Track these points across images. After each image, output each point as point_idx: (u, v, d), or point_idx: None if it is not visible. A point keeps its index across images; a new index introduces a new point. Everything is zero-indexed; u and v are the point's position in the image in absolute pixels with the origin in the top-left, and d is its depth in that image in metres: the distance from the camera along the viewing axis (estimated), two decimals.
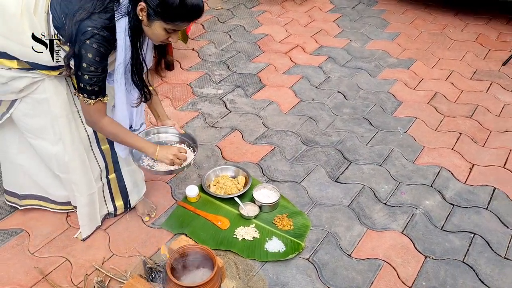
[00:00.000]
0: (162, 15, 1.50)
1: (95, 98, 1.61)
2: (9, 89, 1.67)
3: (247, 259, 2.03)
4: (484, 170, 2.56)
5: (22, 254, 2.03)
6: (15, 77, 1.64)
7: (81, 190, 1.96)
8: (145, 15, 1.52)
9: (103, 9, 1.51)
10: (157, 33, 1.56)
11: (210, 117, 2.96)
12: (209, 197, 2.33)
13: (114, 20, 1.53)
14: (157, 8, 1.48)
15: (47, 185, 2.06)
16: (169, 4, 1.47)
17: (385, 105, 3.10)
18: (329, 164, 2.58)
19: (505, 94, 3.24)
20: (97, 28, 1.50)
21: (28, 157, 1.96)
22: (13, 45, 1.58)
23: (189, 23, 1.57)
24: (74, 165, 1.88)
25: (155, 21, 1.52)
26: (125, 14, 1.53)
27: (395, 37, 4.01)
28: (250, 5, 4.50)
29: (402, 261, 2.04)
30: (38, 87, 1.70)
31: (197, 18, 1.57)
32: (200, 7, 1.54)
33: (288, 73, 3.44)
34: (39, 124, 1.78)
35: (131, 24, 1.54)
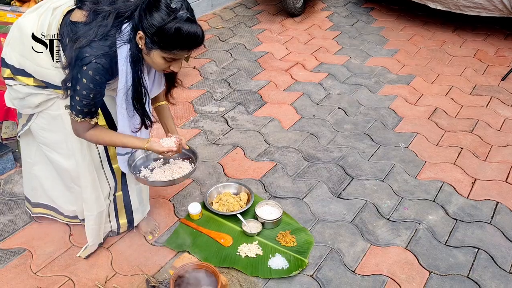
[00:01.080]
0: (159, 44, 1.50)
1: (83, 118, 1.63)
2: (26, 103, 1.77)
3: (250, 277, 2.02)
4: (486, 184, 2.56)
5: (25, 274, 2.03)
6: (31, 93, 1.74)
7: (90, 208, 1.97)
8: (143, 43, 1.53)
9: (103, 36, 1.53)
10: (157, 61, 1.56)
11: (212, 134, 2.97)
12: (212, 214, 2.32)
13: (114, 47, 1.54)
14: (153, 37, 1.49)
15: (57, 198, 2.09)
16: (164, 32, 1.47)
17: (386, 120, 3.12)
18: (331, 180, 2.59)
19: (505, 108, 3.26)
20: (95, 55, 1.52)
21: (41, 169, 2.02)
22: (28, 64, 1.67)
23: (188, 52, 1.55)
24: (85, 182, 1.90)
25: (153, 50, 1.53)
26: (126, 42, 1.55)
27: (394, 53, 4.05)
28: (250, 24, 4.56)
29: (407, 277, 2.03)
30: (53, 103, 1.77)
31: (196, 46, 1.54)
32: (197, 35, 1.51)
33: (289, 90, 3.47)
34: (54, 138, 1.85)
35: (132, 52, 1.56)
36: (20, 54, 1.67)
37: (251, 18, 4.68)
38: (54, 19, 1.61)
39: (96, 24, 1.52)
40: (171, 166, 1.99)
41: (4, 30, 2.17)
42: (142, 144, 1.75)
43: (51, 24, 1.61)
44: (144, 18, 1.48)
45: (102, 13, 1.53)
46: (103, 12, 1.53)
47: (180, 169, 1.94)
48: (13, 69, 1.72)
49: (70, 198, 2.05)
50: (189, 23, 1.48)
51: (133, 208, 2.11)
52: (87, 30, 1.53)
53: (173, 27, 1.45)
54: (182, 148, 1.99)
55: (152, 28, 1.47)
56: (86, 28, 1.54)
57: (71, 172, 1.92)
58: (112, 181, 2.00)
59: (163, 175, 1.90)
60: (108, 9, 1.53)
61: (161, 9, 1.46)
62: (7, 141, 2.71)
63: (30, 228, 2.25)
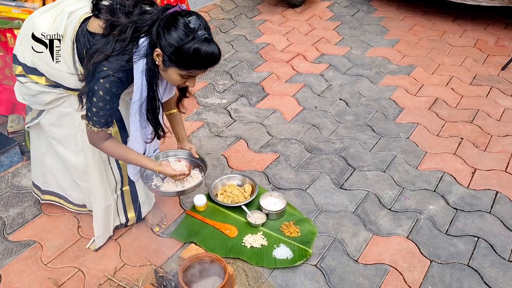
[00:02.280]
0: (176, 62, 1.53)
1: (100, 128, 1.67)
2: (37, 100, 1.80)
3: (256, 267, 2.07)
4: (486, 174, 2.61)
5: (35, 265, 2.08)
6: (43, 91, 1.77)
7: (98, 202, 2.01)
8: (161, 60, 1.56)
9: (121, 51, 1.55)
10: (173, 78, 1.60)
11: (215, 126, 3.01)
12: (217, 206, 2.37)
13: (131, 62, 1.57)
14: (171, 55, 1.51)
15: (67, 187, 2.14)
16: (183, 52, 1.49)
17: (387, 111, 3.15)
18: (334, 171, 2.63)
19: (504, 98, 3.29)
20: (112, 69, 1.55)
21: (53, 158, 2.06)
22: (41, 64, 1.69)
23: (205, 70, 1.59)
24: (94, 177, 1.94)
25: (170, 67, 1.56)
26: (143, 56, 1.57)
27: (395, 43, 4.06)
28: (251, 15, 4.57)
29: (408, 265, 2.08)
30: (64, 101, 1.80)
31: (213, 65, 1.58)
32: (215, 55, 1.54)
33: (290, 82, 3.49)
34: (62, 133, 1.88)
35: (148, 67, 1.59)
36: (39, 58, 1.69)
37: (251, 9, 4.68)
38: (70, 24, 1.63)
39: (113, 37, 1.54)
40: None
41: (10, 25, 2.19)
42: (154, 166, 1.82)
43: (66, 28, 1.63)
44: (162, 36, 1.50)
45: (119, 26, 1.54)
46: (120, 25, 1.54)
47: (190, 178, 2.01)
48: (25, 67, 1.75)
49: (78, 187, 2.09)
50: (207, 43, 1.50)
51: (141, 202, 2.15)
52: (104, 43, 1.55)
53: (191, 47, 1.48)
54: (193, 157, 2.06)
55: (171, 47, 1.50)
56: (104, 41, 1.55)
57: (78, 167, 1.96)
58: (118, 176, 2.04)
59: (173, 184, 1.97)
60: (125, 22, 1.54)
61: (180, 28, 1.49)
62: (14, 134, 2.75)
63: (39, 221, 2.30)
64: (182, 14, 1.52)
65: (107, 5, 1.61)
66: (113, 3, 1.61)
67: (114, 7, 1.59)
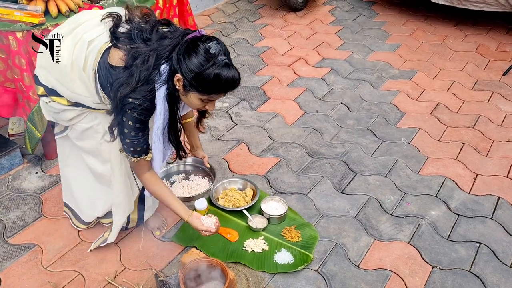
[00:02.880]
0: (197, 87, 1.55)
1: (138, 157, 1.71)
2: (61, 117, 1.85)
3: (257, 271, 2.06)
4: (488, 179, 2.60)
5: (35, 269, 2.07)
6: (65, 109, 1.80)
7: (121, 213, 2.02)
8: (181, 85, 1.58)
9: (145, 81, 1.57)
10: (193, 102, 1.62)
11: (217, 130, 3.00)
12: (218, 210, 2.36)
13: (155, 91, 1.59)
14: (192, 81, 1.53)
15: (81, 201, 2.12)
16: (203, 78, 1.51)
17: (388, 116, 3.15)
18: (335, 176, 2.62)
19: (506, 104, 3.29)
20: (138, 99, 1.57)
21: (71, 171, 2.07)
22: (63, 89, 1.72)
23: (225, 94, 1.62)
24: (118, 187, 1.94)
25: (191, 92, 1.58)
26: (164, 82, 1.59)
27: (396, 48, 4.07)
28: (253, 19, 4.57)
29: (410, 271, 2.07)
30: (85, 117, 1.82)
31: (233, 89, 1.60)
32: (235, 80, 1.56)
33: (292, 86, 3.49)
34: (87, 146, 1.90)
35: (169, 91, 1.61)
36: (57, 80, 1.73)
37: (253, 13, 4.69)
38: (90, 53, 1.65)
39: (136, 69, 1.55)
40: (190, 183, 2.21)
41: (12, 28, 2.19)
42: (185, 215, 1.85)
43: (87, 57, 1.65)
44: (183, 61, 1.52)
45: (141, 56, 1.55)
46: (142, 55, 1.55)
47: (198, 186, 2.14)
48: (46, 89, 1.79)
49: (91, 204, 2.09)
50: (227, 68, 1.53)
51: (146, 206, 2.14)
52: (128, 76, 1.56)
53: (212, 73, 1.50)
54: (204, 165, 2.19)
55: (191, 73, 1.51)
56: (127, 74, 1.57)
57: (105, 176, 1.96)
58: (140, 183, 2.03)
59: (181, 190, 2.08)
60: (146, 51, 1.56)
61: (200, 54, 1.50)
62: (14, 137, 2.74)
63: (39, 224, 2.29)
64: (202, 40, 1.54)
65: (124, 32, 1.63)
66: (130, 29, 1.62)
67: (132, 34, 1.60)
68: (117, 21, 1.64)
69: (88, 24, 1.71)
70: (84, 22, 1.73)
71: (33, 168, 2.64)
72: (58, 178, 2.56)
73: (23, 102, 2.38)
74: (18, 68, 2.27)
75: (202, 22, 4.45)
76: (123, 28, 1.64)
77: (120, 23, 1.65)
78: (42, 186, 2.52)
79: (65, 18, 2.34)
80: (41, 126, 2.41)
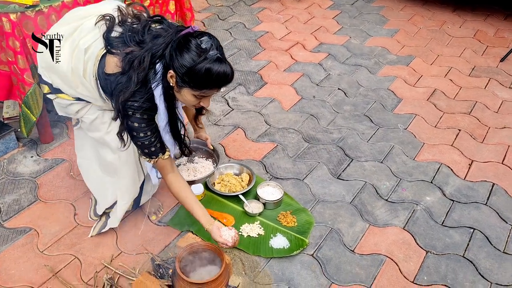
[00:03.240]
0: (189, 83, 1.54)
1: (155, 158, 1.73)
2: (69, 111, 1.89)
3: (252, 256, 2.07)
4: (483, 166, 2.61)
5: (31, 252, 2.07)
6: (72, 103, 1.84)
7: (126, 197, 2.04)
8: (174, 81, 1.57)
9: (143, 82, 1.57)
10: (187, 99, 1.61)
11: (213, 115, 2.99)
12: (214, 195, 2.36)
13: (152, 90, 1.60)
14: (184, 76, 1.53)
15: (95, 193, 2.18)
16: (195, 72, 1.50)
17: (385, 102, 3.14)
18: (331, 161, 2.63)
19: (503, 90, 3.29)
20: (137, 101, 1.59)
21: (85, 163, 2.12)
22: (67, 88, 1.78)
23: (218, 90, 1.61)
24: (126, 172, 1.96)
25: (183, 88, 1.57)
26: (160, 81, 1.59)
27: (394, 33, 4.04)
28: (250, 2, 4.52)
29: (404, 256, 2.09)
30: (90, 108, 1.85)
31: (226, 84, 1.59)
32: (227, 75, 1.54)
33: (289, 71, 3.47)
34: (97, 136, 1.92)
35: (165, 90, 1.61)
36: (62, 80, 1.76)
37: None
38: (88, 60, 1.67)
39: (134, 72, 1.56)
40: (194, 165, 2.22)
41: (6, 10, 2.15)
42: (206, 223, 1.82)
43: (86, 63, 1.68)
44: (175, 58, 1.51)
45: (137, 58, 1.55)
46: (137, 58, 1.55)
47: (203, 169, 2.19)
48: (50, 87, 1.82)
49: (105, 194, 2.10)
50: (219, 63, 1.51)
51: (144, 190, 2.14)
52: (127, 80, 1.57)
53: (203, 67, 1.49)
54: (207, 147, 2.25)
55: (183, 68, 1.51)
56: (125, 78, 1.58)
57: (113, 164, 1.97)
58: (146, 169, 2.05)
59: (186, 173, 2.12)
60: (141, 53, 1.55)
61: (192, 49, 1.50)
62: (9, 120, 2.72)
63: (35, 208, 2.29)
64: (194, 35, 1.53)
65: (117, 36, 1.63)
66: (123, 32, 1.62)
67: (125, 37, 1.60)
68: (110, 24, 1.64)
69: (84, 28, 1.71)
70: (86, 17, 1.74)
71: (28, 152, 2.63)
72: (53, 162, 2.55)
73: (18, 85, 2.36)
74: (12, 51, 2.24)
75: (199, 5, 4.40)
76: (116, 32, 1.64)
77: (113, 26, 1.65)
78: (38, 170, 2.51)
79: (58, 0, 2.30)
80: (36, 109, 2.40)
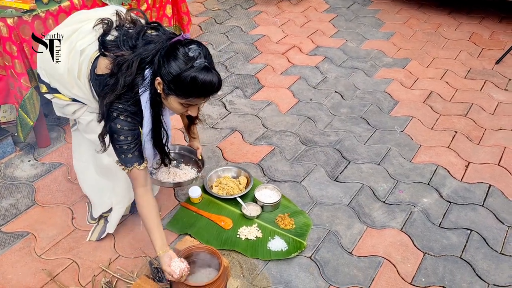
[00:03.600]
0: (175, 91, 1.54)
1: (131, 166, 1.70)
2: (65, 112, 1.91)
3: (250, 258, 2.07)
4: (479, 167, 2.63)
5: (29, 257, 2.07)
6: (68, 104, 1.85)
7: (122, 201, 2.04)
8: (161, 89, 1.57)
9: (130, 86, 1.57)
10: (174, 106, 1.61)
11: (210, 118, 3.00)
12: (212, 198, 2.37)
13: (138, 94, 1.60)
14: (170, 84, 1.53)
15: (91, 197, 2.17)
16: (180, 81, 1.50)
17: (382, 104, 3.16)
18: (329, 164, 2.63)
19: (498, 92, 3.31)
20: (123, 104, 1.59)
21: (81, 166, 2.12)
22: (63, 89, 1.79)
23: (204, 99, 1.59)
24: (122, 175, 1.92)
25: (170, 96, 1.57)
26: (147, 87, 1.59)
27: (390, 36, 4.06)
28: (246, 6, 4.54)
29: (402, 258, 2.10)
30: (85, 111, 1.86)
31: (212, 94, 1.58)
32: (213, 84, 1.53)
33: (286, 74, 3.49)
34: (93, 138, 1.90)
35: (152, 96, 1.61)
36: (58, 82, 1.78)
37: (247, 0, 4.65)
38: (83, 62, 1.69)
39: (121, 75, 1.56)
40: (177, 170, 2.19)
41: (2, 15, 2.16)
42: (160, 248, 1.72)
43: (80, 65, 1.69)
44: (163, 65, 1.52)
45: (126, 62, 1.55)
46: (127, 61, 1.55)
47: (184, 175, 2.14)
48: (48, 86, 1.84)
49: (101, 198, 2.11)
50: (206, 71, 1.50)
51: None
52: (114, 83, 1.57)
53: (189, 76, 1.49)
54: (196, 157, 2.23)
55: (169, 76, 1.51)
56: (112, 81, 1.58)
57: (109, 167, 1.96)
58: None
59: (166, 176, 2.10)
60: (131, 57, 1.56)
61: (179, 57, 1.50)
62: (6, 125, 2.72)
63: (32, 212, 2.29)
64: (183, 43, 1.53)
65: (112, 40, 1.63)
66: (118, 36, 1.62)
67: (119, 41, 1.61)
68: (107, 28, 1.65)
69: (82, 30, 1.73)
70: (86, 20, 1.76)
71: (26, 156, 2.62)
72: (51, 166, 2.55)
73: (15, 90, 2.36)
74: (9, 55, 2.24)
75: (196, 9, 4.41)
76: (111, 36, 1.65)
77: (110, 30, 1.65)
78: (35, 174, 2.51)
79: (56, 4, 2.31)
80: (33, 113, 2.40)
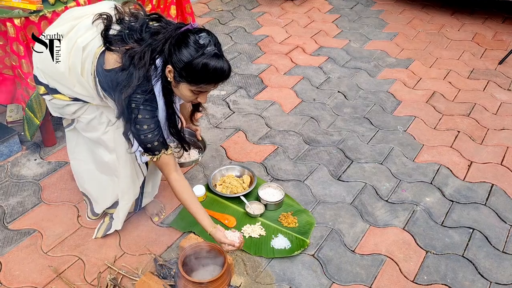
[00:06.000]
0: (186, 78, 1.57)
1: (158, 153, 1.73)
2: (65, 112, 1.90)
3: (254, 256, 2.09)
4: (482, 167, 2.64)
5: (35, 254, 2.09)
6: (68, 104, 1.84)
7: (127, 197, 2.04)
8: (172, 76, 1.60)
9: (145, 78, 1.59)
10: (184, 94, 1.64)
11: (214, 118, 3.02)
12: (216, 196, 2.39)
13: (151, 83, 1.62)
14: (181, 71, 1.55)
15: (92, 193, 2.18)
16: (192, 67, 1.53)
17: (385, 104, 3.17)
18: (332, 163, 2.65)
19: (501, 92, 3.31)
20: (140, 94, 1.61)
21: (79, 164, 2.13)
22: (63, 88, 1.78)
23: (215, 85, 1.62)
24: (125, 172, 1.96)
25: (181, 83, 1.60)
26: (159, 76, 1.62)
27: (393, 37, 4.08)
28: (250, 7, 4.56)
29: (404, 256, 2.11)
30: (87, 109, 1.86)
31: (223, 80, 1.61)
32: (223, 70, 1.57)
33: (289, 74, 3.51)
34: (95, 137, 1.93)
35: (163, 85, 1.63)
36: (58, 82, 1.77)
37: (250, 1, 4.67)
38: (86, 59, 1.69)
39: (135, 68, 1.58)
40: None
41: (10, 15, 2.19)
42: (208, 226, 1.80)
43: (83, 63, 1.69)
44: (174, 53, 1.54)
45: (137, 54, 1.57)
46: (138, 53, 1.57)
47: (188, 156, 2.12)
48: (47, 87, 1.83)
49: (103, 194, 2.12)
50: (216, 58, 1.54)
51: (145, 192, 2.16)
52: (128, 76, 1.59)
53: (200, 62, 1.52)
54: (196, 138, 2.19)
55: (181, 63, 1.54)
56: (126, 75, 1.59)
57: (110, 165, 1.98)
58: (145, 170, 2.06)
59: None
60: (141, 49, 1.58)
61: (190, 45, 1.53)
62: (13, 124, 2.75)
63: (38, 210, 2.31)
64: (193, 32, 1.56)
65: (116, 34, 1.65)
66: (121, 30, 1.64)
67: (123, 35, 1.62)
68: (107, 23, 1.66)
69: (81, 27, 1.73)
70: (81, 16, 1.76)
71: (32, 155, 2.65)
72: (57, 165, 2.58)
73: (22, 89, 2.39)
74: (16, 55, 2.27)
75: (200, 10, 4.44)
76: (114, 30, 1.66)
77: (110, 24, 1.67)
78: (41, 172, 2.54)
79: (62, 5, 2.34)
80: (39, 113, 2.42)
